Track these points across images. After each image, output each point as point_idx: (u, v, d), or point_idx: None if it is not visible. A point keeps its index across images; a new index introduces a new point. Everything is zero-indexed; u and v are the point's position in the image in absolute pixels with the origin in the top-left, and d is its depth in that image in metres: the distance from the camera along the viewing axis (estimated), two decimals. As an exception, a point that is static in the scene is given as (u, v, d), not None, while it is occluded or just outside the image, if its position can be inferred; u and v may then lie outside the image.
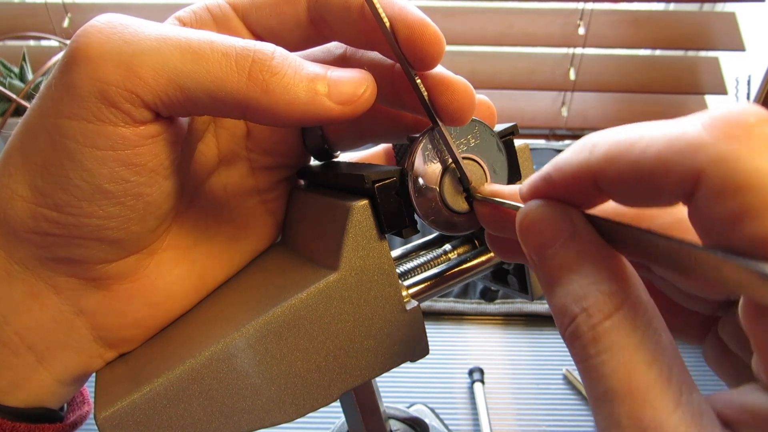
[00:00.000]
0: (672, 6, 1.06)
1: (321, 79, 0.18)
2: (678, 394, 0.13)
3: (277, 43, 0.21)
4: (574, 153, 0.15)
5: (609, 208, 0.17)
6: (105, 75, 0.17)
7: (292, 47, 0.22)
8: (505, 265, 0.30)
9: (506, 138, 0.23)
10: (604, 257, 0.15)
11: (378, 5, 0.18)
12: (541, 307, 0.68)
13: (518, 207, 0.18)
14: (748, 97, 0.88)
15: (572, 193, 0.16)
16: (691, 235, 0.13)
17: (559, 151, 0.97)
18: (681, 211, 0.13)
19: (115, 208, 0.19)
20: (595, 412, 0.14)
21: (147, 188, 0.19)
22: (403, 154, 0.28)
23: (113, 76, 0.17)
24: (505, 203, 0.19)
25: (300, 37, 0.21)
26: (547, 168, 0.16)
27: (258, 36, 0.21)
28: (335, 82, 0.18)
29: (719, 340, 0.19)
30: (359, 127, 0.25)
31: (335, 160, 0.27)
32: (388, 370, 0.23)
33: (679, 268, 0.13)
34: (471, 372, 0.60)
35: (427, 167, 0.21)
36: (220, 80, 0.17)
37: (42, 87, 0.18)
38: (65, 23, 1.00)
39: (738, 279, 0.12)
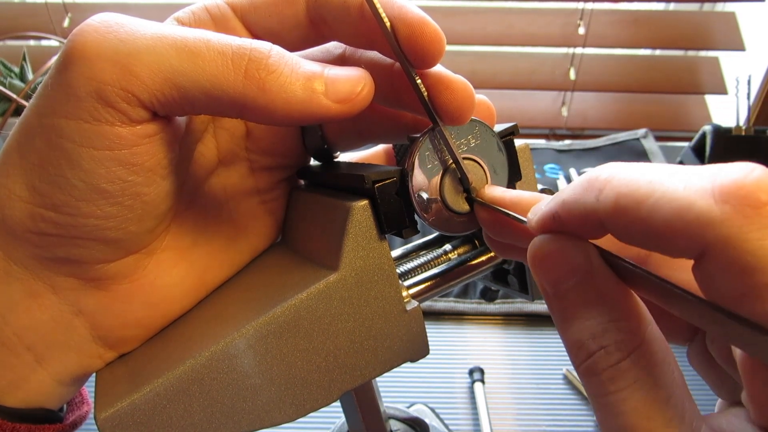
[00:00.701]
0: (672, 6, 1.06)
1: (318, 77, 0.18)
2: (690, 429, 0.14)
3: (276, 44, 0.21)
4: (580, 194, 0.15)
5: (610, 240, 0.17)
6: (101, 74, 0.16)
7: (292, 47, 0.22)
8: (506, 265, 0.30)
9: (506, 138, 0.23)
10: (619, 294, 0.15)
11: (378, 4, 0.18)
12: (541, 307, 0.68)
13: (522, 220, 0.18)
14: (748, 97, 0.87)
15: (580, 229, 0.16)
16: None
17: (559, 151, 0.97)
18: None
19: (112, 208, 0.19)
20: None
21: (145, 188, 0.19)
22: (403, 154, 0.28)
23: (109, 75, 0.16)
24: (508, 214, 0.19)
25: (299, 37, 0.21)
26: (554, 206, 0.16)
27: (257, 36, 0.21)
28: (332, 81, 0.18)
29: (704, 347, 0.19)
30: (359, 127, 0.25)
31: (335, 160, 0.27)
32: (388, 370, 0.23)
33: (687, 317, 0.14)
34: (471, 372, 0.60)
35: (427, 167, 0.21)
36: (216, 79, 0.17)
37: (39, 87, 0.18)
38: (65, 23, 1.00)
39: (744, 340, 0.12)
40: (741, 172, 0.12)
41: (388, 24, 0.19)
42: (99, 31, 0.17)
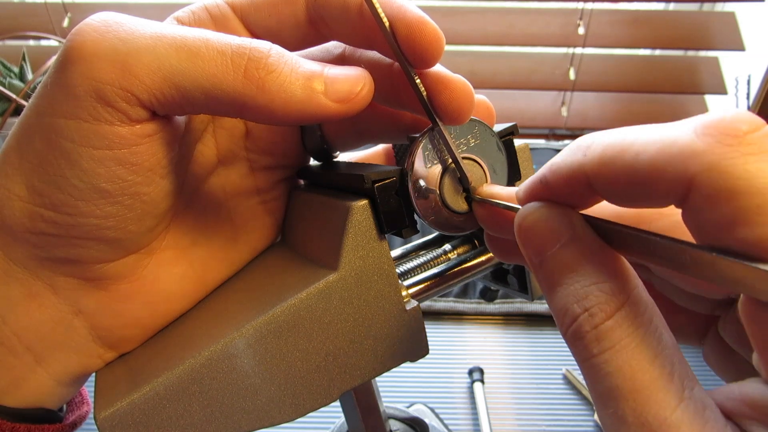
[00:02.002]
0: (672, 6, 1.06)
1: (318, 76, 0.18)
2: (680, 389, 0.14)
3: (276, 43, 0.21)
4: (568, 155, 0.15)
5: (608, 209, 0.17)
6: (100, 74, 0.16)
7: (291, 47, 0.22)
8: (505, 265, 0.30)
9: (506, 138, 0.23)
10: (603, 257, 0.15)
11: (377, 4, 0.18)
12: (541, 307, 0.68)
13: (516, 208, 0.18)
14: (747, 97, 0.88)
15: (567, 194, 0.16)
16: (688, 237, 0.14)
17: (558, 151, 0.97)
18: (677, 213, 0.14)
19: (112, 208, 0.19)
20: (599, 409, 0.15)
21: (144, 187, 0.19)
22: (403, 154, 0.28)
23: (108, 74, 0.16)
24: (502, 204, 0.19)
25: (299, 36, 0.21)
26: (542, 170, 0.16)
27: (257, 36, 0.21)
28: (332, 80, 0.18)
29: (719, 339, 0.19)
30: (358, 127, 0.25)
31: (335, 160, 0.27)
32: (388, 370, 0.23)
33: (676, 267, 0.14)
34: (471, 372, 0.60)
35: (427, 167, 0.21)
36: (215, 78, 0.17)
37: (38, 86, 0.18)
38: (65, 23, 1.00)
39: (734, 276, 0.12)
40: (720, 112, 0.13)
41: (387, 24, 0.19)
42: (98, 31, 0.17)
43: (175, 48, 0.17)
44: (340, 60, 0.23)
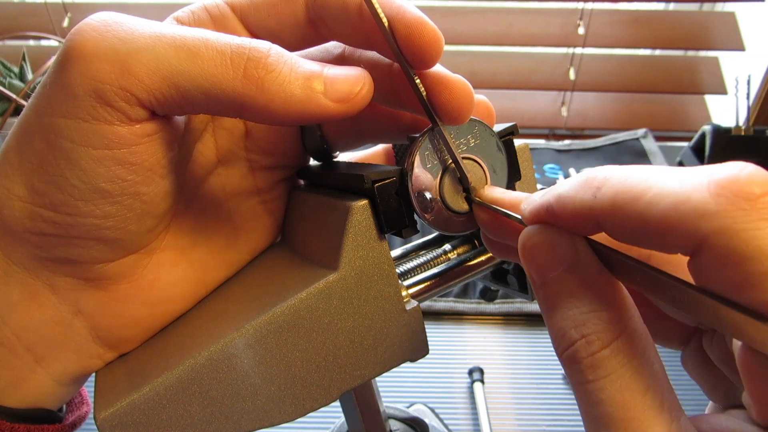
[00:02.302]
0: (672, 6, 1.06)
1: (317, 76, 0.18)
2: (669, 420, 0.14)
3: (276, 43, 0.21)
4: (578, 190, 0.15)
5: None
6: (99, 73, 0.16)
7: (291, 47, 0.22)
8: (505, 265, 0.30)
9: (506, 138, 0.23)
10: (604, 286, 0.16)
11: (376, 4, 0.18)
12: (540, 307, 0.68)
13: (517, 218, 0.18)
14: (747, 97, 0.88)
15: (573, 226, 0.16)
16: (687, 275, 0.14)
17: (558, 151, 0.97)
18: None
19: (112, 208, 0.19)
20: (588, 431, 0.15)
21: (144, 187, 0.19)
22: (402, 154, 0.28)
23: (108, 74, 0.16)
24: (503, 212, 0.19)
25: (298, 37, 0.21)
26: (550, 198, 0.16)
27: (256, 36, 0.21)
28: (332, 80, 0.18)
29: (701, 350, 0.19)
30: (358, 127, 0.25)
31: (335, 160, 0.27)
32: (388, 370, 0.23)
33: (675, 305, 0.14)
34: (471, 372, 0.60)
35: (426, 167, 0.21)
36: (215, 78, 0.17)
37: (38, 86, 0.18)
38: (65, 23, 1.00)
39: (734, 324, 0.12)
40: (735, 168, 0.13)
41: (386, 24, 0.19)
42: (97, 30, 0.17)
43: (174, 48, 0.17)
44: (340, 60, 0.23)
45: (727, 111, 0.93)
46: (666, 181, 0.13)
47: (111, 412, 0.19)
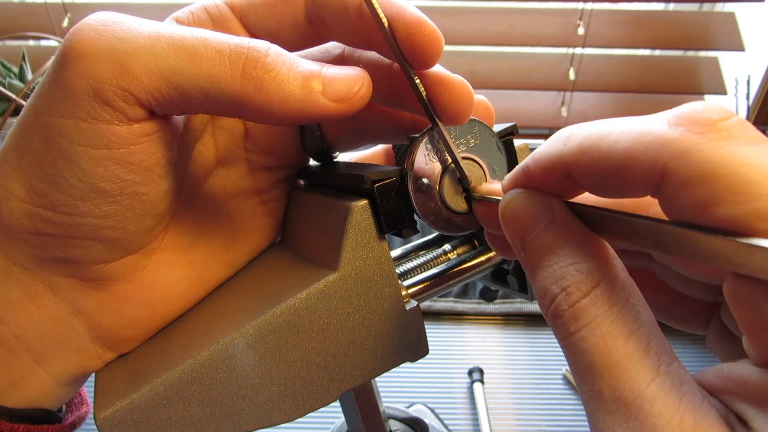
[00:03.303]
0: (672, 6, 1.06)
1: (316, 76, 0.18)
2: (656, 364, 0.14)
3: (276, 44, 0.21)
4: (550, 145, 0.16)
5: (590, 200, 0.17)
6: (98, 73, 0.16)
7: (291, 47, 0.22)
8: (505, 265, 0.30)
9: (506, 138, 0.23)
10: (582, 239, 0.16)
11: (376, 5, 0.18)
12: (540, 307, 0.68)
13: None
14: (747, 97, 0.88)
15: (549, 183, 0.16)
16: None
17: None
18: (656, 204, 0.14)
19: (111, 207, 0.19)
20: (578, 386, 0.15)
21: (143, 187, 0.19)
22: (402, 154, 0.28)
23: (106, 74, 0.16)
24: (500, 200, 0.19)
25: (298, 37, 0.21)
26: (526, 160, 0.17)
27: (256, 36, 0.21)
28: (330, 80, 0.18)
29: (722, 325, 0.19)
30: (358, 128, 0.25)
31: (334, 160, 0.27)
32: (387, 370, 0.23)
33: (658, 247, 0.14)
34: (471, 372, 0.60)
35: (426, 167, 0.21)
36: (213, 78, 0.17)
37: (37, 86, 0.18)
38: (65, 23, 1.00)
39: (713, 251, 0.12)
40: (691, 104, 0.14)
41: (386, 24, 0.19)
42: (96, 30, 0.17)
43: (173, 47, 0.17)
44: (340, 60, 0.23)
45: (726, 111, 0.93)
46: (628, 123, 0.14)
47: (111, 412, 0.19)
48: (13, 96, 0.70)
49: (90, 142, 0.17)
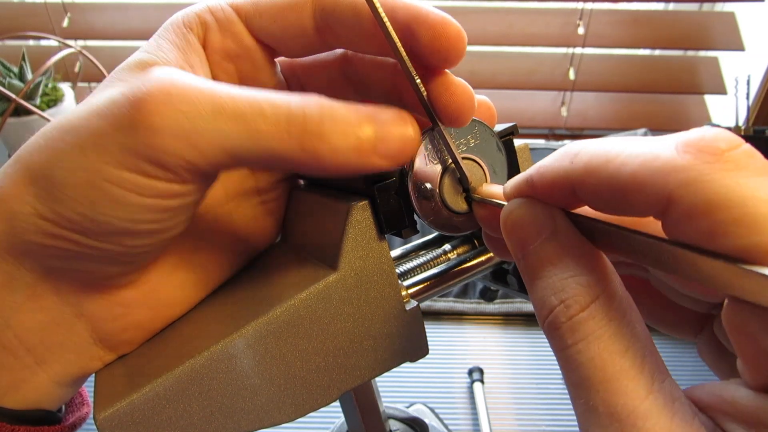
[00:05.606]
0: (671, 6, 1.06)
1: (370, 139, 0.18)
2: (651, 381, 0.14)
3: (280, 49, 0.21)
4: (556, 160, 0.16)
5: (591, 212, 0.17)
6: (164, 145, 0.17)
7: (295, 54, 0.22)
8: (505, 265, 0.30)
9: (506, 138, 0.23)
10: (582, 253, 0.16)
11: (377, 5, 0.18)
12: (540, 307, 0.68)
13: None
14: (747, 97, 0.88)
15: (552, 197, 0.16)
16: None
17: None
18: (657, 223, 0.14)
19: (138, 241, 0.19)
20: (573, 399, 0.15)
21: (170, 223, 0.19)
22: (402, 154, 0.28)
23: (172, 147, 0.17)
24: (500, 204, 0.19)
25: (303, 44, 0.21)
26: (530, 171, 0.17)
27: (260, 41, 0.21)
28: (383, 138, 0.18)
29: (714, 337, 0.19)
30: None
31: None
32: (387, 370, 0.23)
33: (656, 265, 0.14)
34: (471, 372, 0.60)
35: (426, 167, 0.21)
36: (272, 150, 0.17)
37: (75, 118, 0.18)
38: (64, 23, 1.00)
39: (712, 274, 0.12)
40: (702, 130, 0.13)
41: (387, 24, 0.19)
42: (165, 104, 0.17)
43: (234, 122, 0.17)
44: (343, 59, 0.23)
45: (726, 111, 0.93)
46: (636, 146, 0.14)
47: (111, 413, 0.19)
48: (13, 96, 0.70)
49: (141, 191, 0.18)
